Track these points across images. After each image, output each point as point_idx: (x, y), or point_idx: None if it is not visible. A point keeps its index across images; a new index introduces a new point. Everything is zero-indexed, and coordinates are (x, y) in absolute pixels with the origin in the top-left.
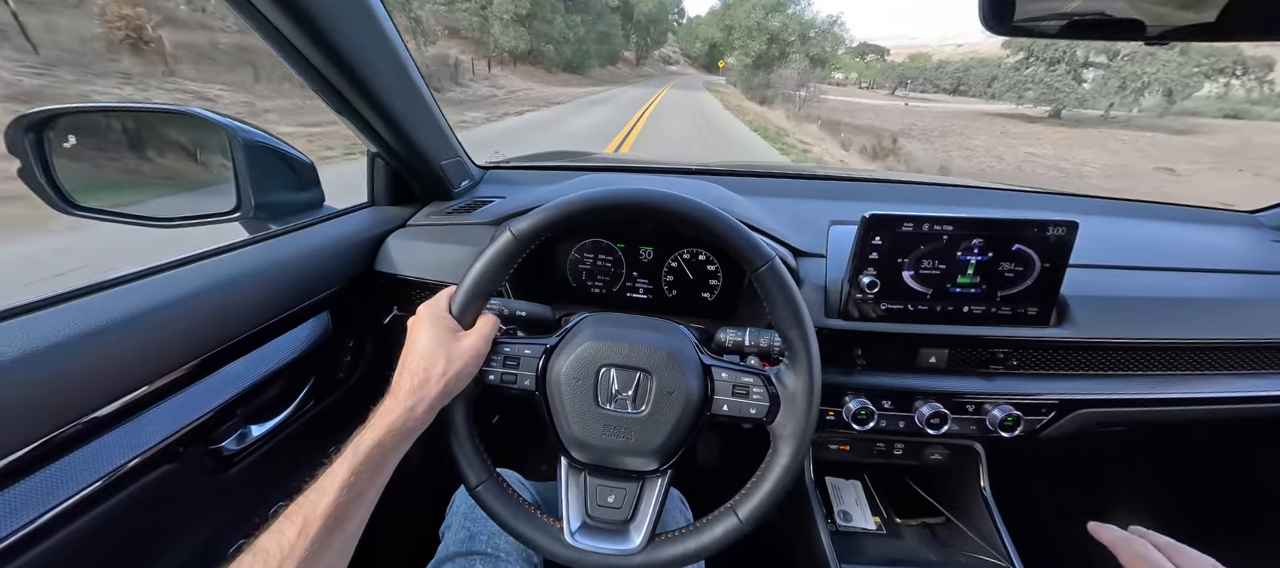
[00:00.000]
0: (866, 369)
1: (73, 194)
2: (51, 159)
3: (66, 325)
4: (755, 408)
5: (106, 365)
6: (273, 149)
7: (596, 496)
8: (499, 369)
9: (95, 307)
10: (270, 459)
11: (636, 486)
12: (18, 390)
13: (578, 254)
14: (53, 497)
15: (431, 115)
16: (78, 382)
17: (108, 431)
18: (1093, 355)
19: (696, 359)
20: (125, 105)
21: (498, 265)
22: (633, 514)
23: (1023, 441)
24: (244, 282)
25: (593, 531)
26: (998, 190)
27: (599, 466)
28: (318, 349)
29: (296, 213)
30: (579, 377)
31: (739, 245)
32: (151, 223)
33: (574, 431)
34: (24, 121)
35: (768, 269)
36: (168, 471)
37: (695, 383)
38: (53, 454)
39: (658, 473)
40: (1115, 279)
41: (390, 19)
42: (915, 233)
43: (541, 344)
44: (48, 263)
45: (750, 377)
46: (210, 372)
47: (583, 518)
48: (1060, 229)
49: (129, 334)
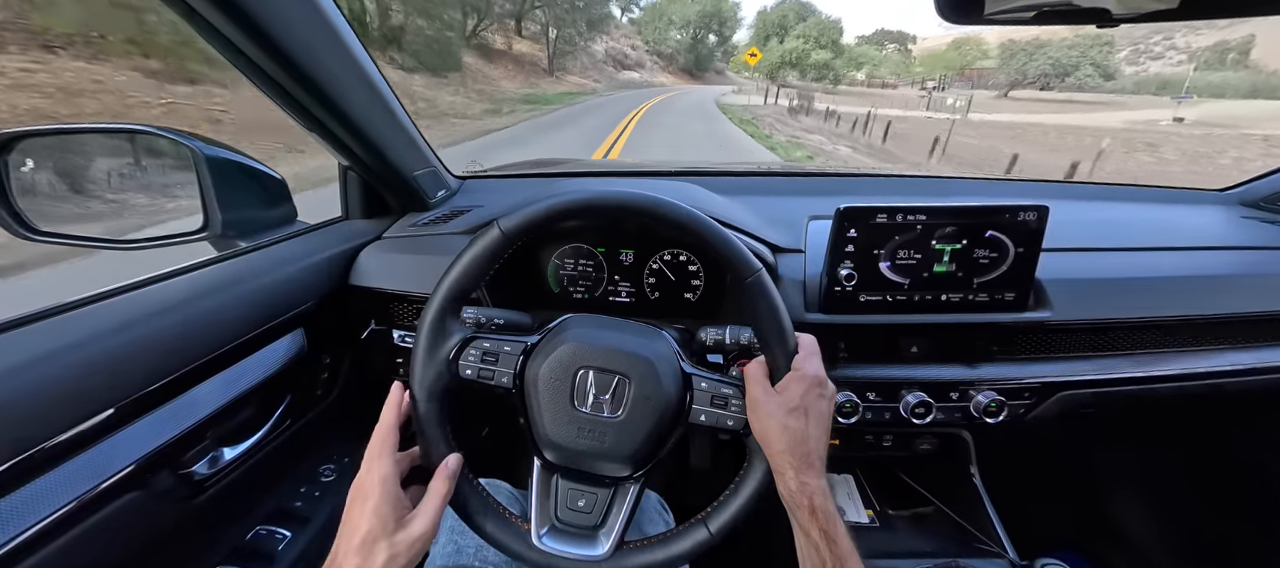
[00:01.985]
0: (850, 362)
1: (32, 219)
2: (9, 183)
3: (24, 349)
4: (733, 419)
5: (67, 390)
6: (239, 165)
7: (567, 499)
8: (476, 364)
9: (54, 330)
10: (245, 482)
11: (609, 491)
12: None
13: (558, 260)
14: (13, 528)
15: (401, 126)
16: (37, 407)
17: (70, 457)
18: (1071, 338)
19: (677, 366)
20: (85, 126)
21: (482, 261)
22: (602, 520)
23: (1010, 426)
24: (211, 300)
25: (561, 534)
26: (972, 180)
27: (571, 468)
28: (293, 367)
29: (267, 229)
30: (557, 377)
31: (727, 253)
32: (116, 245)
33: (548, 431)
34: None
35: (754, 280)
36: (134, 498)
37: (673, 390)
38: (11, 484)
39: (630, 480)
40: (1090, 261)
41: (352, 30)
42: (889, 224)
43: (522, 342)
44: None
45: (730, 388)
46: (178, 393)
47: (551, 521)
48: (1031, 214)
49: (91, 356)
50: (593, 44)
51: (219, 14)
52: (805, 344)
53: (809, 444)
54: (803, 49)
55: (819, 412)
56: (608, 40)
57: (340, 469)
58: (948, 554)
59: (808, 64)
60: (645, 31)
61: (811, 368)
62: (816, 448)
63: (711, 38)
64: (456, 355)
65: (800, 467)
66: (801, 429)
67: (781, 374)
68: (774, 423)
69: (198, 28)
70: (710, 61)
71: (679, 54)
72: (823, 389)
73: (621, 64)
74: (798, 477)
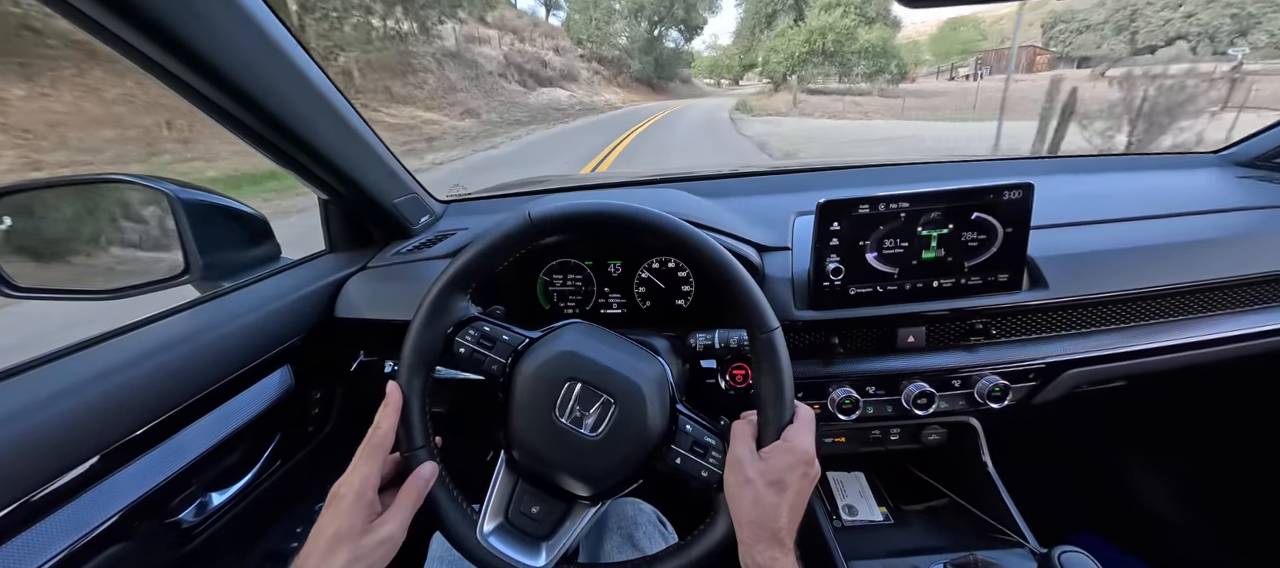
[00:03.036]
0: (846, 357)
1: (12, 277)
2: None
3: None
4: (707, 472)
5: (52, 439)
6: (217, 206)
7: (521, 502)
8: (472, 345)
9: (39, 380)
10: (237, 527)
11: (563, 507)
12: None
13: (547, 276)
14: None
15: (376, 155)
16: (22, 459)
17: (54, 510)
18: (1071, 314)
19: (665, 401)
20: (58, 179)
21: (505, 245)
22: (550, 533)
23: (1019, 410)
24: (195, 342)
25: (506, 534)
26: (953, 163)
27: (534, 474)
28: (281, 404)
29: (250, 268)
30: (544, 381)
31: (748, 302)
32: (97, 296)
33: (522, 432)
34: None
35: (767, 338)
36: (121, 550)
37: (657, 425)
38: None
39: (589, 502)
40: (1084, 235)
41: (314, 60)
42: (873, 214)
43: (522, 336)
44: None
45: (713, 439)
46: (164, 439)
47: (501, 519)
48: (1016, 192)
49: (74, 406)
50: (476, 47)
51: (158, 49)
52: (802, 417)
53: (779, 521)
54: (842, 28)
55: (799, 490)
56: (512, 40)
57: None
58: (966, 547)
59: (851, 50)
60: (577, 27)
61: (803, 443)
62: (788, 525)
63: (676, 30)
64: (455, 331)
65: (767, 541)
66: (775, 504)
67: (770, 440)
68: (749, 491)
69: (141, 65)
70: (675, 66)
71: (631, 57)
72: (808, 469)
73: (538, 77)
74: (766, 551)
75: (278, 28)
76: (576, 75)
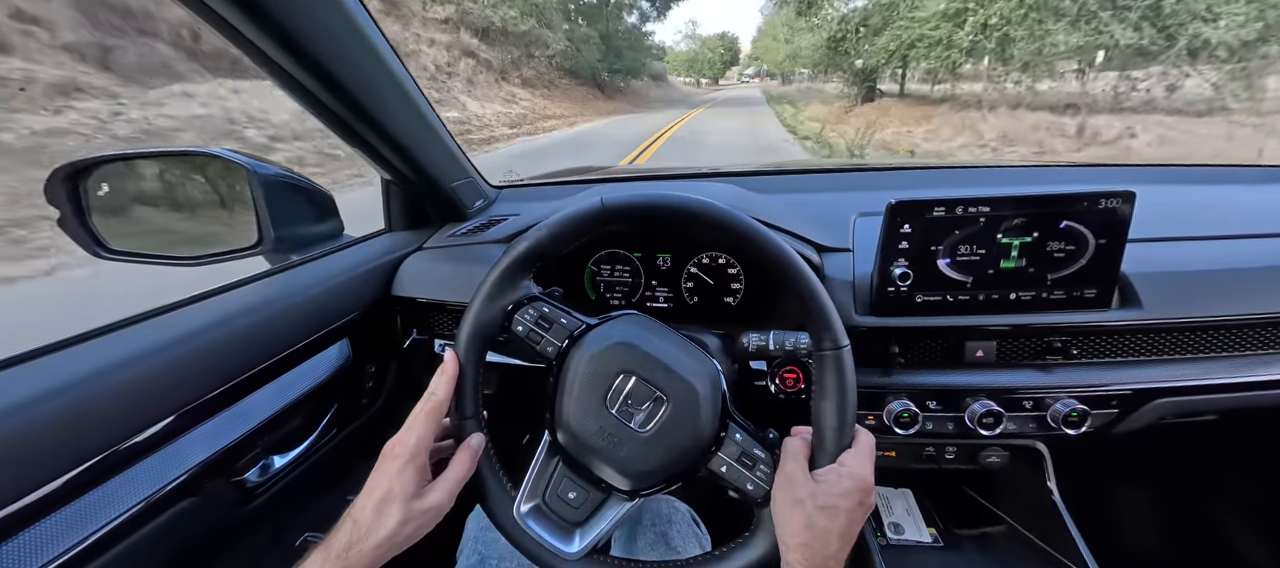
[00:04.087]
0: (907, 368)
1: (107, 239)
2: (88, 207)
3: (93, 361)
4: (753, 485)
5: (131, 400)
6: (290, 183)
7: (559, 486)
8: (530, 324)
9: (119, 342)
10: (293, 490)
11: (600, 497)
12: (47, 426)
13: (595, 266)
14: (81, 531)
15: (439, 138)
16: (103, 416)
17: (131, 465)
18: (1166, 339)
19: (719, 405)
20: (152, 151)
21: (574, 229)
22: (584, 521)
23: (1092, 438)
24: (263, 312)
25: (541, 516)
26: (1037, 167)
27: (576, 460)
28: (339, 376)
29: (316, 243)
30: (598, 369)
31: (821, 316)
32: (179, 262)
33: (570, 417)
34: (61, 173)
35: (836, 355)
36: (191, 504)
37: (707, 429)
38: (81, 489)
39: (627, 496)
40: (1185, 252)
41: (389, 44)
42: (948, 218)
43: (580, 321)
44: None
45: (763, 452)
46: (232, 403)
47: (538, 500)
48: (1115, 201)
49: (157, 365)
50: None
51: (256, 30)
52: (861, 442)
53: (830, 548)
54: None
55: (852, 519)
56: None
57: None
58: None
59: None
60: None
61: (861, 470)
62: (838, 554)
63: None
64: (515, 308)
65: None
66: (827, 530)
67: (824, 462)
68: (800, 513)
69: (238, 43)
70: (636, 57)
71: (581, 49)
72: (865, 497)
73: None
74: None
75: (362, 13)
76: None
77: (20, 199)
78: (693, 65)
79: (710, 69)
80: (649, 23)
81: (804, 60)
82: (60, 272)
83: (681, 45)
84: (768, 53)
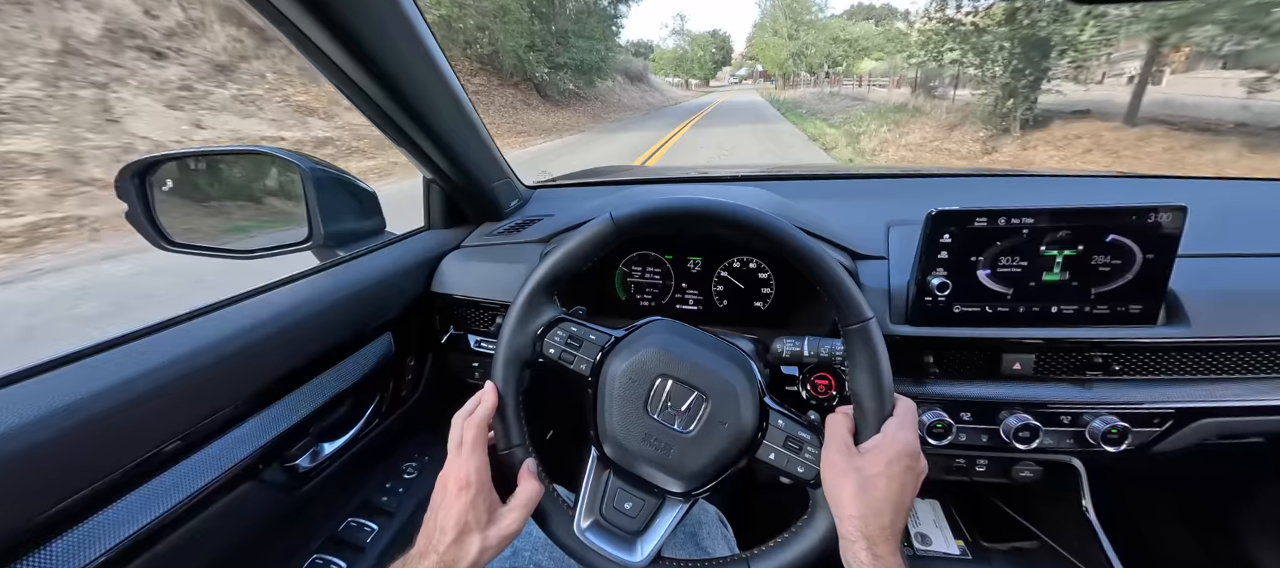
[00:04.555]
0: (941, 378)
1: (170, 233)
2: (153, 202)
3: (169, 350)
4: (803, 467)
5: (197, 390)
6: (339, 181)
7: (614, 498)
8: (560, 345)
9: (188, 334)
10: (340, 476)
11: (656, 502)
12: (123, 411)
13: (626, 267)
14: (153, 511)
15: (481, 140)
16: (181, 399)
17: (198, 449)
18: (1214, 358)
19: (756, 397)
20: (212, 149)
21: (589, 248)
22: (644, 528)
23: (1131, 456)
24: (315, 307)
25: (601, 530)
26: (1076, 177)
27: (626, 470)
28: (382, 369)
29: (360, 239)
30: (635, 379)
31: (839, 294)
32: (234, 255)
33: (614, 429)
34: (129, 169)
35: (861, 328)
36: (250, 487)
37: (750, 421)
38: (152, 472)
39: (683, 497)
40: (1238, 269)
41: (438, 47)
42: (990, 229)
43: (608, 335)
44: None
45: (807, 434)
46: (286, 393)
47: (595, 516)
48: (1165, 215)
49: (220, 356)
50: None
51: (321, 31)
52: (902, 409)
53: (886, 517)
54: None
55: (903, 485)
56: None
57: (421, 467)
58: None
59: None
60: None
61: (904, 438)
62: (893, 524)
63: None
64: (544, 332)
65: (876, 538)
66: (880, 499)
67: (868, 435)
68: (849, 484)
69: (302, 47)
70: (600, 53)
71: (495, 30)
72: (913, 462)
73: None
74: (870, 550)
75: (418, 18)
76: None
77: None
78: (681, 64)
79: (700, 69)
80: (621, 3)
81: (812, 59)
82: None
83: (669, 43)
84: (766, 51)
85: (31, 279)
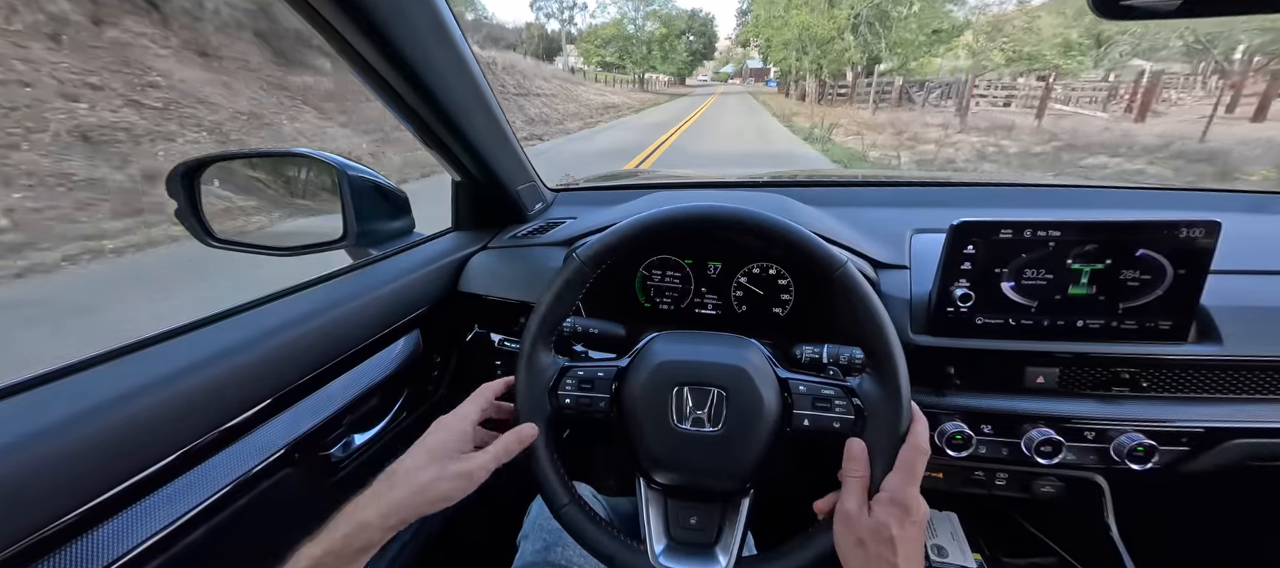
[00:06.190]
0: (962, 389)
1: (214, 229)
2: (200, 200)
3: (213, 344)
4: (839, 421)
5: (238, 382)
6: (373, 182)
7: (679, 517)
8: (574, 392)
9: (231, 329)
10: (370, 466)
11: (719, 507)
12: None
13: (646, 271)
14: (195, 497)
15: (509, 144)
16: (226, 392)
17: (238, 438)
18: (1247, 376)
19: (770, 373)
20: (256, 151)
21: (568, 291)
22: (717, 536)
23: (1158, 475)
24: (348, 304)
25: (678, 551)
26: (1106, 189)
27: (679, 487)
28: (410, 365)
29: (392, 239)
30: (654, 396)
31: (806, 250)
32: (273, 252)
33: (653, 451)
34: (180, 169)
35: (841, 274)
36: (287, 475)
37: (772, 398)
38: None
39: (741, 493)
40: (1273, 286)
41: (471, 50)
42: (1016, 240)
43: (614, 365)
44: None
45: (831, 388)
46: (320, 386)
47: (666, 540)
48: (1197, 230)
49: (260, 352)
50: None
51: (360, 38)
52: (903, 461)
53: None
54: None
55: (904, 538)
56: None
57: None
58: None
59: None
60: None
61: (901, 495)
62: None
63: None
64: (555, 386)
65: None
66: (881, 556)
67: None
68: (861, 553)
69: (338, 46)
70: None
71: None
72: (903, 516)
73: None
74: None
75: (453, 23)
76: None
77: None
78: (627, 49)
79: (665, 62)
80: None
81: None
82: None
83: (608, 10)
84: (781, 30)
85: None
